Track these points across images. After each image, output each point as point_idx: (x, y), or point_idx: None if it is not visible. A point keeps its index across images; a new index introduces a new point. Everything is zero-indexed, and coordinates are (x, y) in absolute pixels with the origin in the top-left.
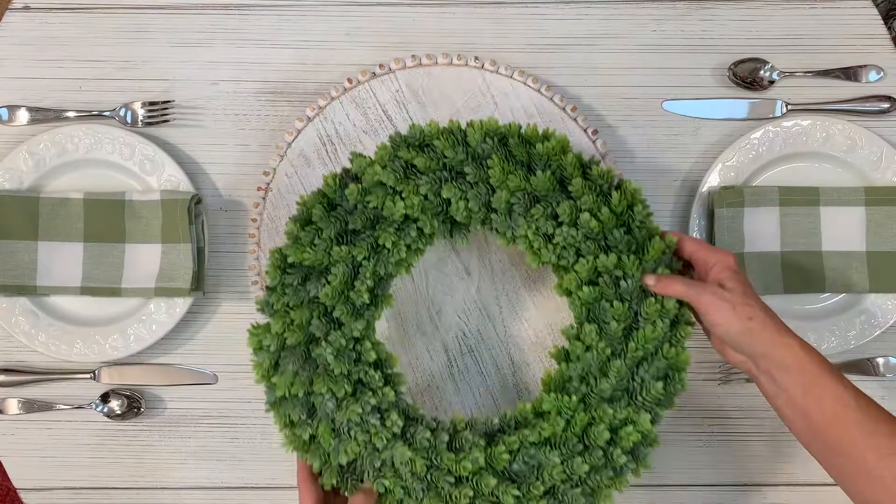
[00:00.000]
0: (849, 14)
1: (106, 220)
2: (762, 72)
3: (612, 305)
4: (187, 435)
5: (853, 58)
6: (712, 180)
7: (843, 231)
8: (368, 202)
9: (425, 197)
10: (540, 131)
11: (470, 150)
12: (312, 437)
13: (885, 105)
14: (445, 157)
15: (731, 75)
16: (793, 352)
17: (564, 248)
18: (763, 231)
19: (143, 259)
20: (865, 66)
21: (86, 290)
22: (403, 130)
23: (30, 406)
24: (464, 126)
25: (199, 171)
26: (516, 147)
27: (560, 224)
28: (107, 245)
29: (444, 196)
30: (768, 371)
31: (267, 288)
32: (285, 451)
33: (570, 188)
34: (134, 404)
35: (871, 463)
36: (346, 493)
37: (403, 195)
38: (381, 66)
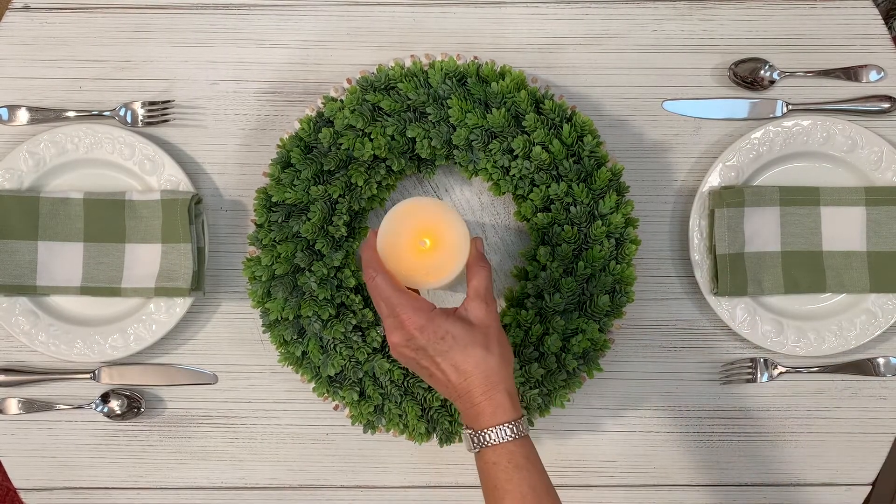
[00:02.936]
0: (849, 14)
1: (106, 220)
2: (762, 72)
3: (563, 229)
4: (187, 435)
5: (853, 58)
6: (713, 180)
7: (843, 231)
8: (341, 144)
9: (392, 137)
10: (497, 69)
11: (431, 91)
12: (304, 353)
13: (886, 105)
14: (409, 98)
15: (732, 75)
16: None
17: (520, 178)
18: (763, 231)
19: (143, 259)
20: (866, 65)
21: (86, 290)
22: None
23: (30, 406)
24: (425, 68)
25: (199, 171)
26: (474, 86)
27: (515, 157)
28: (107, 245)
29: (410, 135)
30: None
31: (255, 225)
32: (281, 366)
33: (523, 123)
34: (134, 404)
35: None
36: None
37: (372, 136)
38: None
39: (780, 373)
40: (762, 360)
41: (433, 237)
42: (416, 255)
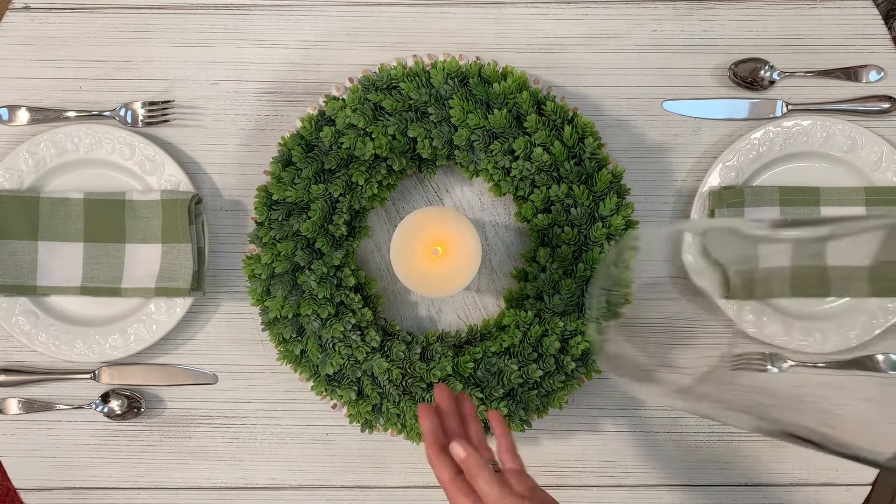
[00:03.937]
0: (849, 14)
1: (106, 220)
2: (762, 72)
3: (563, 231)
4: (187, 435)
5: (853, 58)
6: (712, 180)
7: None
8: (342, 143)
9: (393, 137)
10: (500, 70)
11: (433, 90)
12: (303, 351)
13: (886, 105)
14: (411, 98)
15: (732, 75)
16: None
17: (521, 180)
18: None
19: (143, 259)
20: (866, 66)
21: (86, 290)
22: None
23: (30, 406)
24: (427, 67)
25: (199, 171)
26: (476, 87)
27: (516, 158)
28: (107, 245)
29: (411, 135)
30: None
31: (256, 223)
32: (280, 364)
33: (525, 124)
34: (134, 404)
35: None
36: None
37: (373, 136)
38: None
39: (791, 366)
40: (770, 354)
41: (444, 245)
42: (430, 264)
